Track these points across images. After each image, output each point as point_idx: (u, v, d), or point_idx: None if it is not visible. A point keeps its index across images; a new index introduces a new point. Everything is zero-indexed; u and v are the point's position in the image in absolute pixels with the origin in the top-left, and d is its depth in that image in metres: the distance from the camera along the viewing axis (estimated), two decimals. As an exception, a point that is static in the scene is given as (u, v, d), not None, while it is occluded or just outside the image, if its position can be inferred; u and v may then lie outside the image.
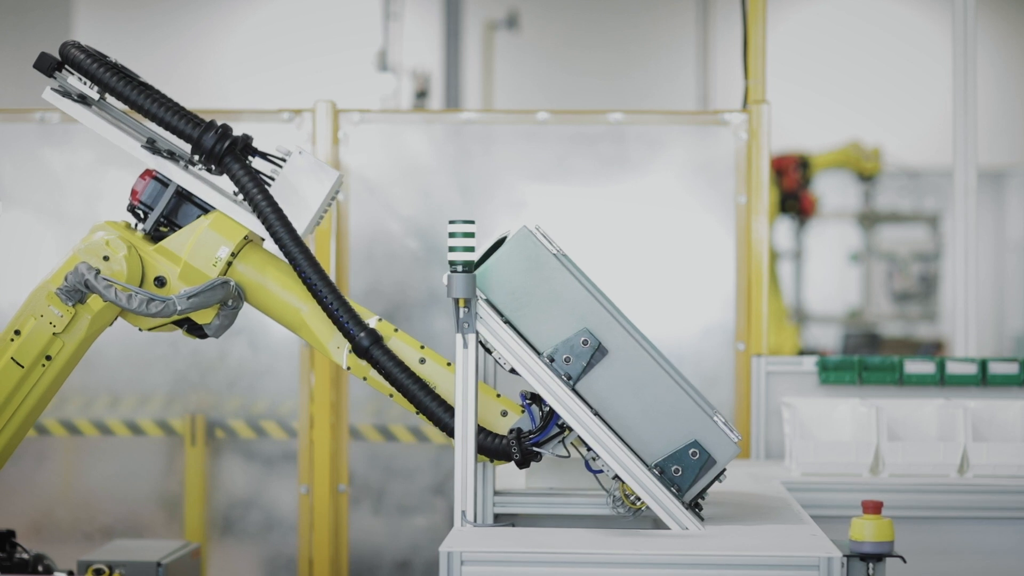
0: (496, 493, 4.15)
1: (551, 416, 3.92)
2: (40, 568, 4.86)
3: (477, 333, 3.85)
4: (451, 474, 6.07)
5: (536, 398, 3.96)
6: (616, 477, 3.87)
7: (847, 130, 15.05)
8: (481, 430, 3.95)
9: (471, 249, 3.83)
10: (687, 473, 3.84)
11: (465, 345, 3.83)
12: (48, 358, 4.10)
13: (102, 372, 6.22)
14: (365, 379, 4.07)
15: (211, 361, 6.23)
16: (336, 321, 3.98)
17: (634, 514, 3.92)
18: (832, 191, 15.03)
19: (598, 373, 3.86)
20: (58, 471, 6.26)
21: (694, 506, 3.89)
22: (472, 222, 3.84)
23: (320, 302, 3.98)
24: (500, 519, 4.16)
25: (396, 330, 4.07)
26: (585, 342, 3.84)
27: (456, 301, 3.83)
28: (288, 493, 6.20)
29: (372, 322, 4.02)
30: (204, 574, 5.98)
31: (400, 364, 3.97)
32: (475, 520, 3.87)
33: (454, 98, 13.18)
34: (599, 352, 3.85)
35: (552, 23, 15.92)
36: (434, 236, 6.17)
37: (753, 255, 6.05)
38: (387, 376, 3.98)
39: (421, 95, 13.96)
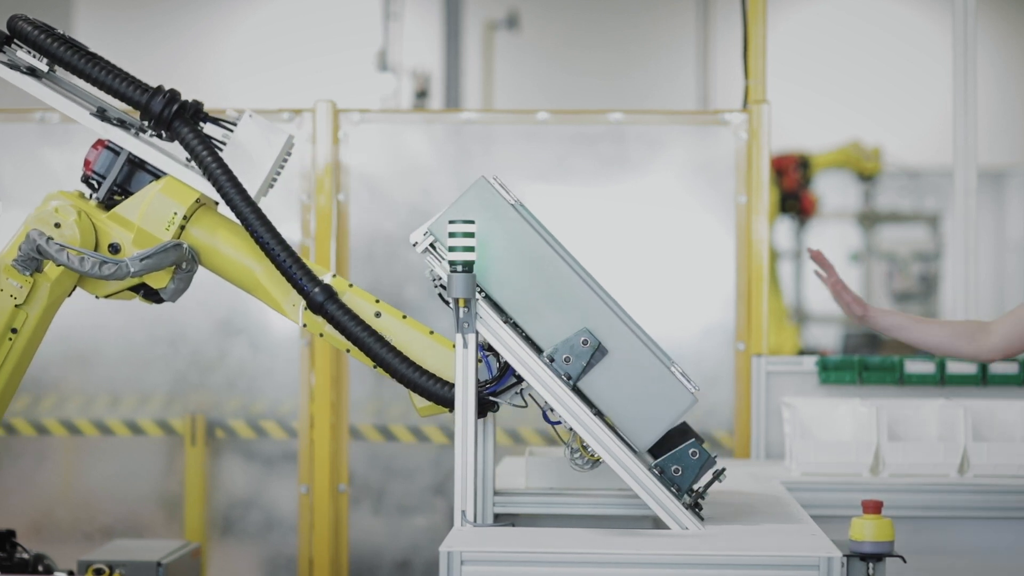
0: (496, 493, 4.14)
1: (508, 367, 3.91)
2: (40, 568, 4.86)
3: (477, 333, 3.85)
4: (451, 474, 6.07)
5: (492, 349, 3.93)
6: (571, 429, 3.86)
7: (847, 130, 15.04)
8: (437, 379, 3.95)
9: (471, 249, 3.83)
10: (687, 473, 3.84)
11: (465, 345, 3.83)
12: (14, 331, 4.10)
13: (102, 372, 6.22)
14: (321, 335, 4.08)
15: (211, 361, 6.22)
16: (290, 278, 3.98)
17: (592, 466, 3.92)
18: (832, 191, 15.02)
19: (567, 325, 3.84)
20: (58, 471, 6.26)
21: (694, 505, 3.89)
22: (472, 222, 3.84)
23: (273, 260, 3.98)
24: (500, 519, 4.15)
25: (351, 285, 4.08)
26: (583, 339, 3.84)
27: (456, 301, 3.82)
28: (288, 493, 6.20)
29: (327, 278, 4.04)
30: (204, 574, 5.98)
31: (355, 318, 3.97)
32: (475, 520, 3.87)
33: (454, 98, 13.18)
34: (588, 338, 3.84)
35: (552, 23, 15.92)
36: (434, 236, 6.16)
37: (753, 255, 6.05)
38: (342, 330, 3.98)
39: (421, 95, 13.96)
